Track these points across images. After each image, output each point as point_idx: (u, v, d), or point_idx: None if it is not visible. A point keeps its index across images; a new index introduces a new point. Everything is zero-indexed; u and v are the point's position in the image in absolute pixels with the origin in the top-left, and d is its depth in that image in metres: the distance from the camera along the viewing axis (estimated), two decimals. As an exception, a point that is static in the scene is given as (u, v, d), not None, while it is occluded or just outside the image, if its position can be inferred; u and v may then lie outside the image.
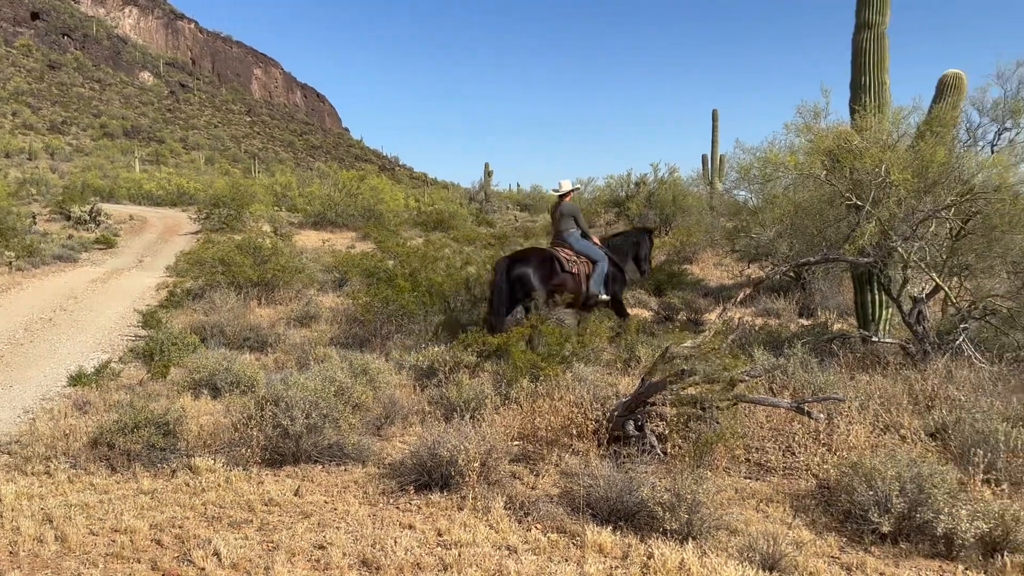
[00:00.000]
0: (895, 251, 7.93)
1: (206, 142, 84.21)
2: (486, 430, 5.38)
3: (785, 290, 13.50)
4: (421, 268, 10.81)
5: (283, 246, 15.63)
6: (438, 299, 10.06)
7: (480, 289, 10.67)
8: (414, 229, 28.72)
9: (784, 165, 8.26)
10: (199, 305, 11.76)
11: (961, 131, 8.69)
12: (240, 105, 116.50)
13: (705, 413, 5.56)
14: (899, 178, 7.40)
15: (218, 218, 25.52)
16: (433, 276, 10.45)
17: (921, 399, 6.43)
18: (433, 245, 19.09)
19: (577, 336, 8.15)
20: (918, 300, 7.91)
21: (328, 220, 28.04)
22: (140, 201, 39.27)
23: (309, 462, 5.48)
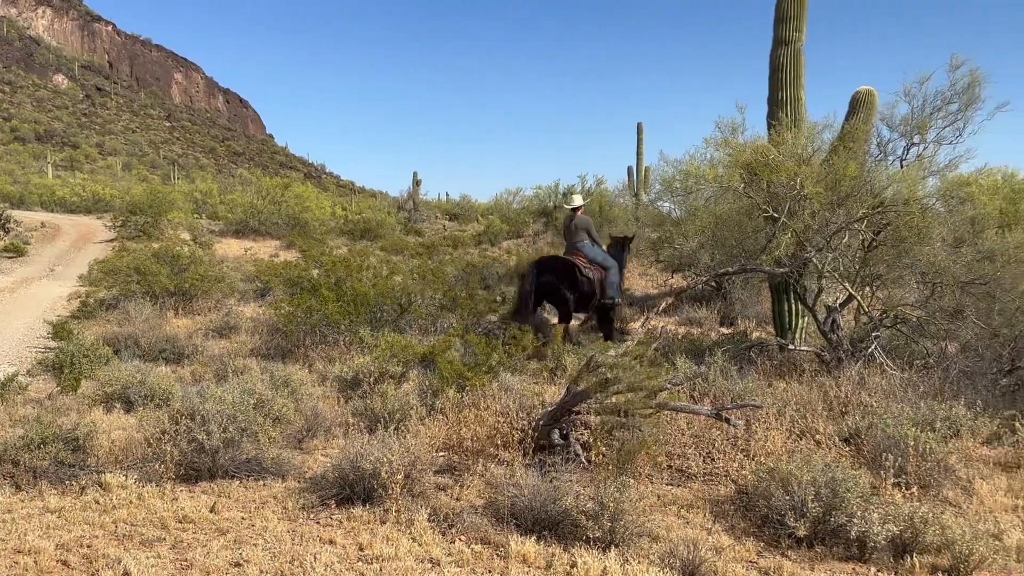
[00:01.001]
0: (810, 262, 8.19)
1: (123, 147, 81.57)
2: (410, 441, 5.32)
3: (707, 299, 13.79)
4: (346, 277, 10.65)
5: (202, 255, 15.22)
6: (363, 309, 9.93)
7: (406, 299, 10.61)
8: (341, 238, 28.33)
9: (704, 178, 8.46)
10: (113, 316, 11.35)
11: (872, 146, 9.03)
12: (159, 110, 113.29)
13: (628, 421, 5.62)
14: (813, 191, 7.66)
15: (135, 226, 24.68)
16: (359, 286, 10.31)
17: (835, 405, 6.65)
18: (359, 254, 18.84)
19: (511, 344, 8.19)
20: (832, 309, 8.19)
21: (251, 228, 27.41)
22: (53, 208, 37.71)
23: (226, 477, 5.32)
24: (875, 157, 8.86)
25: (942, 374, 7.21)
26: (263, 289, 14.15)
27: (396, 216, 35.91)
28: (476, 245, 28.16)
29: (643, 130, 31.30)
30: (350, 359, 8.21)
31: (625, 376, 5.79)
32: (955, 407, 6.05)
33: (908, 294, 8.42)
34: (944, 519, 4.41)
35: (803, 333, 9.20)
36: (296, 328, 9.62)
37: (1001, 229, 9.90)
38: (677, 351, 8.57)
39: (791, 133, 8.62)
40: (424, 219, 39.33)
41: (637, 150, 31.32)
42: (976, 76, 8.35)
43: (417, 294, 10.87)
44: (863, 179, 8.10)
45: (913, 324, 8.23)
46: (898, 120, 8.75)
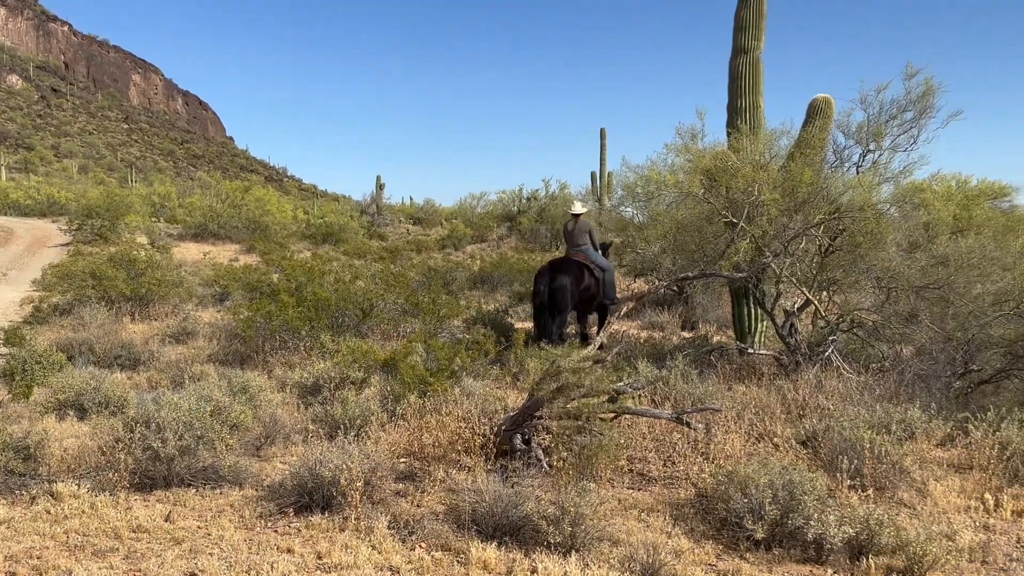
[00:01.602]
0: (768, 267, 8.30)
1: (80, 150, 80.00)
2: (371, 448, 5.28)
3: (669, 304, 13.90)
4: (308, 282, 10.55)
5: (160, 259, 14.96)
6: (325, 314, 9.84)
7: (369, 303, 10.53)
8: (302, 242, 28.09)
9: (665, 184, 8.53)
10: (67, 321, 11.10)
11: (829, 153, 9.15)
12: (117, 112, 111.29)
13: (590, 426, 5.63)
14: (770, 197, 7.76)
15: (91, 229, 24.20)
16: (320, 291, 10.22)
17: (793, 408, 6.73)
18: (321, 259, 18.69)
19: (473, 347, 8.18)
20: (790, 313, 8.30)
21: (210, 232, 27.04)
22: (6, 211, 36.76)
23: (182, 486, 5.23)
24: (831, 164, 9.00)
25: (897, 377, 7.33)
26: (222, 294, 13.96)
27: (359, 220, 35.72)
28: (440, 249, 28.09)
29: (606, 136, 31.54)
30: (311, 365, 8.13)
31: (586, 381, 5.81)
32: (910, 410, 6.14)
33: (864, 298, 8.56)
34: (899, 520, 4.49)
35: (762, 337, 9.31)
36: (255, 333, 9.50)
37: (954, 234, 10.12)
38: (639, 355, 8.62)
39: (749, 140, 8.73)
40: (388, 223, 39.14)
41: (600, 155, 31.54)
42: (931, 85, 8.52)
43: (380, 299, 10.80)
44: (819, 185, 8.22)
45: (869, 328, 8.36)
46: (854, 127, 8.90)
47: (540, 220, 28.18)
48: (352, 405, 6.43)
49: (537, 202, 29.45)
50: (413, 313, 10.93)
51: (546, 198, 29.49)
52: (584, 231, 10.59)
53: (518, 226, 28.99)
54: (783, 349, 8.37)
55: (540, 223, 28.03)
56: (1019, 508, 5.09)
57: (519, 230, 28.86)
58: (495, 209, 33.24)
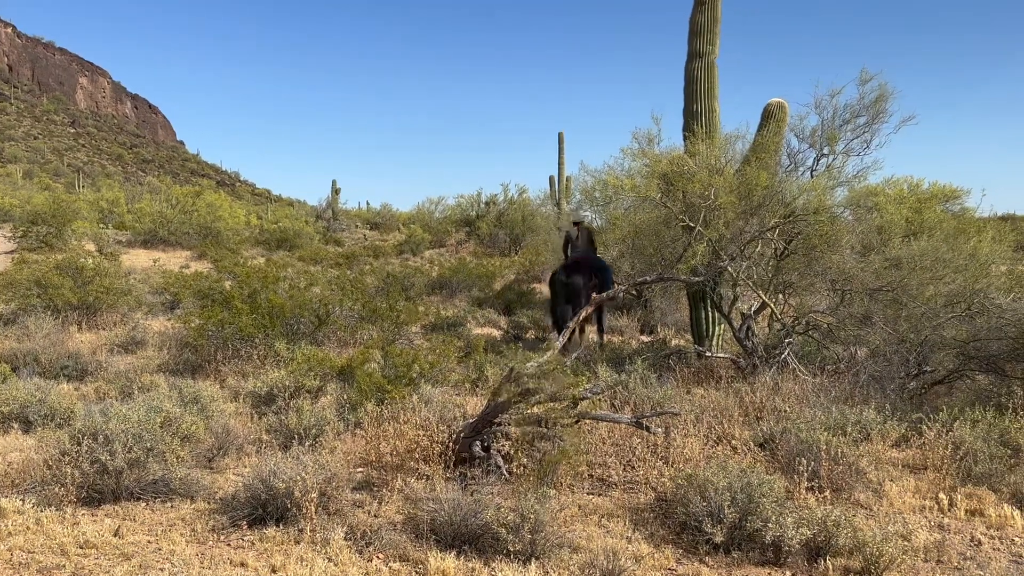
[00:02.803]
0: (725, 270, 8.40)
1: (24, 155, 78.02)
2: (326, 458, 5.21)
3: (628, 308, 13.99)
4: (261, 289, 10.39)
5: (108, 266, 14.61)
6: (279, 321, 9.70)
7: (324, 310, 10.41)
8: (256, 248, 27.71)
9: (622, 188, 8.58)
10: (11, 331, 10.78)
11: (784, 157, 9.29)
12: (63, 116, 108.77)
13: (550, 431, 5.63)
14: (726, 201, 7.85)
15: (36, 236, 23.56)
16: (274, 297, 10.07)
17: (751, 411, 6.81)
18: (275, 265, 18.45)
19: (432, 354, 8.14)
20: (747, 316, 8.40)
21: (160, 238, 26.54)
22: (-55, 218, 35.68)
23: (131, 500, 5.10)
24: (786, 168, 9.14)
25: (852, 379, 7.46)
26: (172, 302, 13.70)
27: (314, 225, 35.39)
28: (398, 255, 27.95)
29: (564, 140, 31.63)
30: (265, 374, 8.01)
31: (546, 386, 5.81)
32: (865, 411, 6.26)
33: (819, 301, 8.71)
34: (856, 521, 4.56)
35: (720, 340, 9.41)
36: (207, 342, 9.33)
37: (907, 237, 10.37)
38: (598, 360, 8.66)
39: (705, 144, 8.82)
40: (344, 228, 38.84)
41: (559, 159, 31.61)
42: (884, 90, 8.72)
43: (336, 305, 10.69)
44: (774, 189, 8.35)
45: (824, 330, 8.51)
46: (808, 131, 9.06)
47: (499, 225, 28.21)
48: (307, 414, 6.34)
49: (496, 207, 29.49)
50: (370, 320, 10.84)
51: (505, 203, 29.54)
52: (586, 239, 11.28)
53: (477, 231, 28.98)
54: (740, 352, 8.47)
55: (499, 228, 28.06)
56: (972, 507, 5.20)
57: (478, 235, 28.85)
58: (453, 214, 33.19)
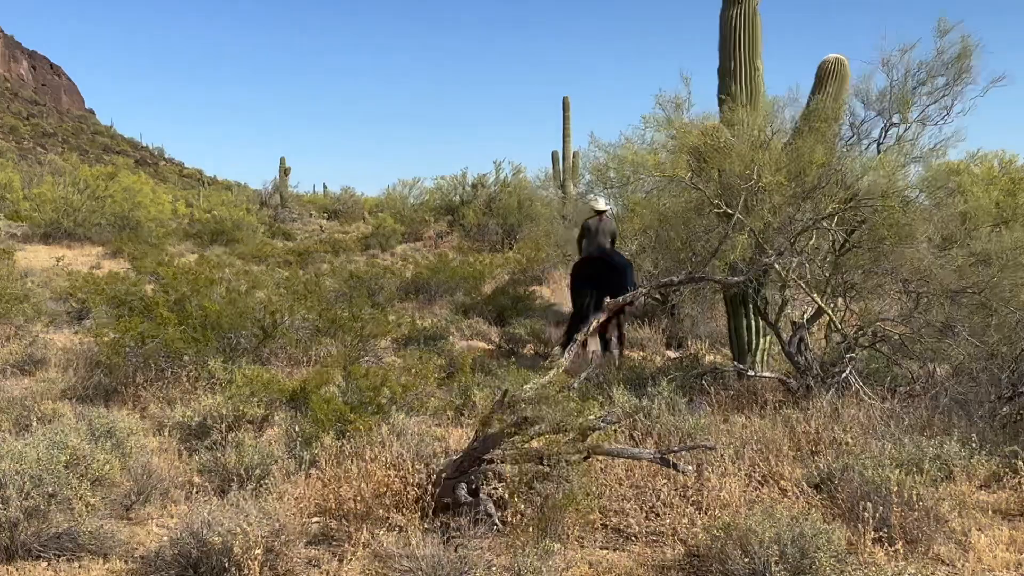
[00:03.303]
0: (771, 268, 8.41)
1: None
2: (274, 505, 5.21)
3: (650, 316, 14.01)
4: (192, 294, 10.39)
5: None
6: (214, 334, 9.70)
7: (271, 320, 10.42)
8: (185, 243, 27.72)
9: (644, 166, 8.60)
10: None
11: (844, 127, 9.31)
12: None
13: (553, 470, 5.64)
14: (772, 181, 7.87)
15: (-95, 229, 23.57)
16: (209, 304, 10.07)
17: (804, 443, 6.83)
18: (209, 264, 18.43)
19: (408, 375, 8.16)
20: (799, 326, 8.42)
21: (65, 231, 26.48)
22: None
23: (29, 558, 5.10)
24: (847, 140, 9.16)
25: (930, 403, 7.47)
26: (80, 310, 13.67)
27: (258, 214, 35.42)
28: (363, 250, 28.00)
29: (570, 106, 31.69)
30: (196, 400, 8.00)
31: (548, 413, 5.82)
32: (946, 443, 6.25)
33: (888, 306, 8.74)
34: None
35: (765, 356, 9.43)
36: (124, 361, 9.31)
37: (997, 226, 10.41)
38: (613, 380, 8.67)
39: (746, 111, 8.85)
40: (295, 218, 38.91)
41: (563, 131, 31.68)
42: (968, 44, 8.71)
43: (286, 314, 10.68)
44: (833, 167, 8.37)
45: (895, 342, 8.52)
46: (874, 96, 9.07)
47: (489, 212, 28.29)
48: (250, 450, 6.34)
49: (485, 190, 29.61)
50: (329, 332, 10.84)
51: (496, 185, 29.65)
52: (608, 232, 11.75)
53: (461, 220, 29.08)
54: (791, 370, 8.49)
55: (489, 216, 28.13)
56: (1079, 562, 5.22)
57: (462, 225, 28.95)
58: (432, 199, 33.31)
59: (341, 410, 6.88)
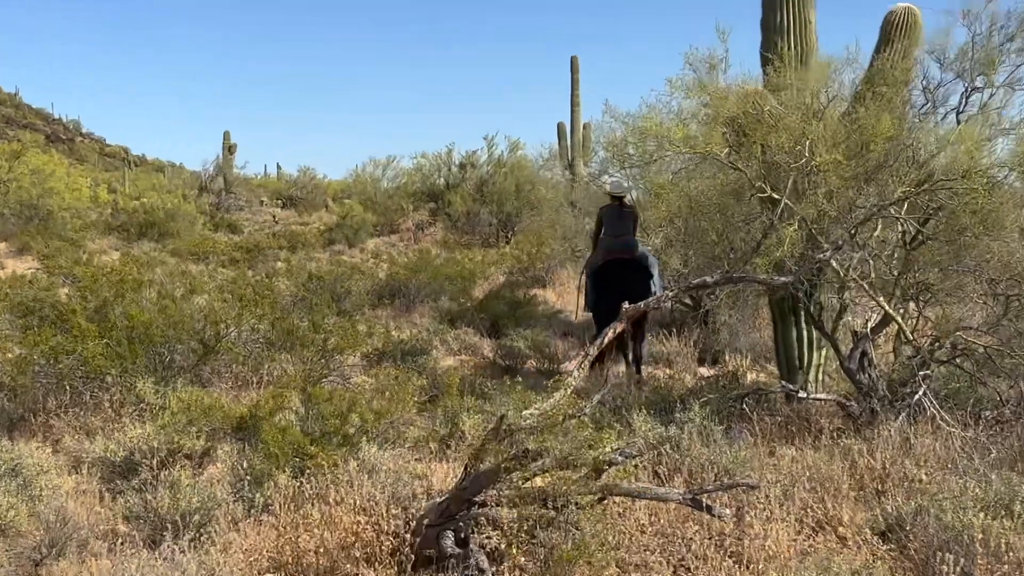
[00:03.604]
0: (826, 266, 8.41)
1: None
2: (217, 559, 5.22)
3: (679, 325, 14.01)
4: (116, 301, 10.39)
5: None
6: (144, 350, 9.70)
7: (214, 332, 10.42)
8: (108, 237, 27.73)
9: (671, 140, 8.59)
10: None
11: (915, 92, 9.30)
12: None
13: (560, 515, 5.64)
14: (828, 160, 7.87)
15: None
16: (137, 313, 10.06)
17: (868, 481, 6.83)
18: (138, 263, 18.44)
19: None
20: (861, 337, 8.42)
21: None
22: None
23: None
24: (919, 108, 9.15)
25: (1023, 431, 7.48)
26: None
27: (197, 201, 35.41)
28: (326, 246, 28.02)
29: (579, 68, 31.70)
30: (121, 430, 8.00)
31: (554, 445, 5.82)
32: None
33: (972, 312, 8.72)
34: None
35: (820, 373, 9.43)
36: (32, 382, 9.32)
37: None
38: (634, 404, 8.67)
39: (796, 73, 8.85)
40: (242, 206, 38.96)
41: (572, 97, 31.71)
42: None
43: (231, 324, 10.68)
44: (902, 141, 8.36)
45: (980, 357, 8.51)
46: (953, 54, 9.07)
47: (481, 198, 28.30)
48: (187, 492, 6.34)
49: (475, 171, 29.61)
50: (284, 346, 10.84)
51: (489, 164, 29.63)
52: (631, 218, 12.12)
53: (446, 208, 29.07)
54: (851, 391, 8.49)
55: (481, 203, 28.14)
56: None
57: (448, 214, 28.96)
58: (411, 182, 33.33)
59: (299, 442, 6.88)
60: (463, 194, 28.43)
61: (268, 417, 7.45)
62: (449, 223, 28.86)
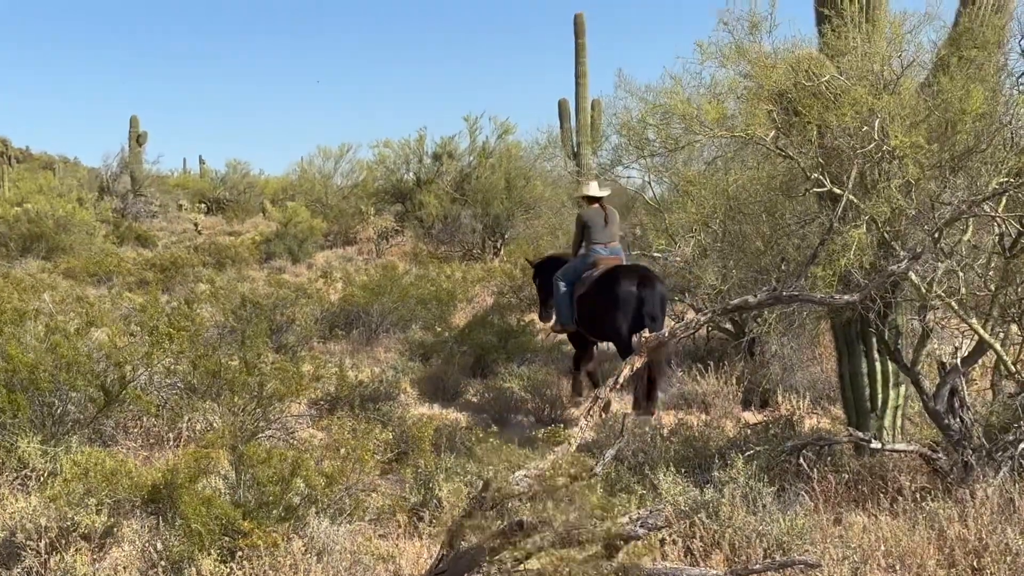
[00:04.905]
0: (904, 279, 8.42)
1: None
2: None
3: (717, 356, 14.02)
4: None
5: None
6: (28, 399, 9.69)
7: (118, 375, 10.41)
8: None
9: (701, 121, 8.62)
10: None
11: (1013, 56, 9.34)
12: None
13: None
14: (905, 143, 7.89)
15: None
16: (18, 353, 10.07)
17: (960, 555, 6.82)
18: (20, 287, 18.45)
19: None
20: (950, 370, 8.42)
21: None
22: None
23: None
24: (1018, 77, 9.19)
25: None
26: None
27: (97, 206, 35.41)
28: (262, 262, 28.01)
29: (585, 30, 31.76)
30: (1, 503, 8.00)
31: (555, 515, 5.83)
32: None
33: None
34: None
35: (898, 417, 9.44)
36: None
37: None
38: (659, 461, 8.67)
39: (860, 34, 8.88)
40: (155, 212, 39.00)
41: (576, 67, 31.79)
42: None
43: (140, 365, 10.68)
44: (997, 119, 8.39)
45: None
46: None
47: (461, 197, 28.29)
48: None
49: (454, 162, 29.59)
50: (210, 392, 10.83)
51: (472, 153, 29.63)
52: (615, 223, 13.46)
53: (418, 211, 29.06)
54: (938, 439, 8.49)
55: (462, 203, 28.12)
56: None
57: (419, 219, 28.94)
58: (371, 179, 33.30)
59: (229, 516, 6.87)
60: (438, 193, 28.40)
61: (188, 484, 7.43)
62: (421, 230, 28.85)
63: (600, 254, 13.15)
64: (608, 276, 12.72)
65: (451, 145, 30.15)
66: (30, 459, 8.96)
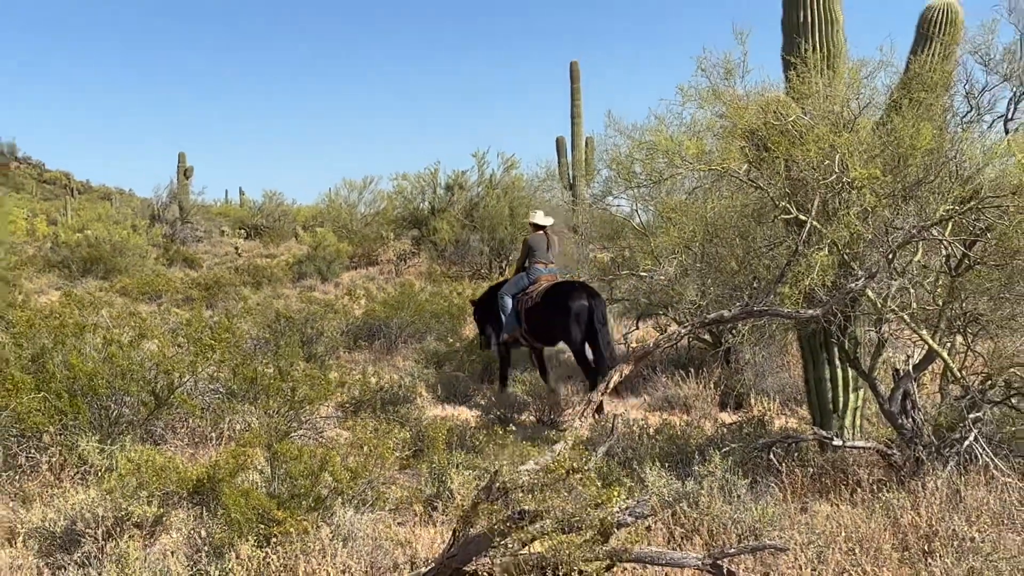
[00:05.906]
0: (862, 295, 8.41)
1: None
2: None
3: (697, 365, 14.00)
4: (56, 348, 10.39)
5: None
6: (87, 403, 9.68)
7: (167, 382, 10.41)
8: (47, 275, 27.73)
9: (683, 156, 8.62)
10: None
11: (957, 98, 9.33)
12: None
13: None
14: (862, 175, 7.89)
15: None
16: (79, 362, 10.06)
17: (912, 540, 6.80)
18: (81, 304, 18.44)
19: None
20: (903, 376, 8.41)
21: None
22: None
23: None
24: (962, 116, 9.18)
25: (1090, 480, 7.47)
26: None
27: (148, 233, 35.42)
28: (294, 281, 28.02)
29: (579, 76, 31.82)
30: (62, 496, 7.98)
31: (555, 504, 5.81)
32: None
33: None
34: None
35: (857, 417, 9.41)
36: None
37: None
38: (646, 456, 8.66)
39: (823, 78, 8.88)
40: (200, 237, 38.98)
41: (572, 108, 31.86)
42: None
43: (186, 373, 10.67)
44: (944, 153, 8.38)
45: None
46: (998, 54, 9.11)
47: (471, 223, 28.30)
48: (137, 565, 6.32)
49: (464, 192, 29.60)
50: (247, 396, 10.82)
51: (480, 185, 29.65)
52: (555, 246, 14.59)
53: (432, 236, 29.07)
54: (893, 437, 8.47)
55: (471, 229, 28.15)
56: None
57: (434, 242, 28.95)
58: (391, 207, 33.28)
59: (265, 506, 6.86)
60: (450, 219, 28.41)
61: (229, 478, 7.42)
62: (435, 253, 28.85)
63: (541, 272, 14.12)
64: (558, 292, 13.47)
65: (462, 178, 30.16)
66: (89, 456, 8.96)
